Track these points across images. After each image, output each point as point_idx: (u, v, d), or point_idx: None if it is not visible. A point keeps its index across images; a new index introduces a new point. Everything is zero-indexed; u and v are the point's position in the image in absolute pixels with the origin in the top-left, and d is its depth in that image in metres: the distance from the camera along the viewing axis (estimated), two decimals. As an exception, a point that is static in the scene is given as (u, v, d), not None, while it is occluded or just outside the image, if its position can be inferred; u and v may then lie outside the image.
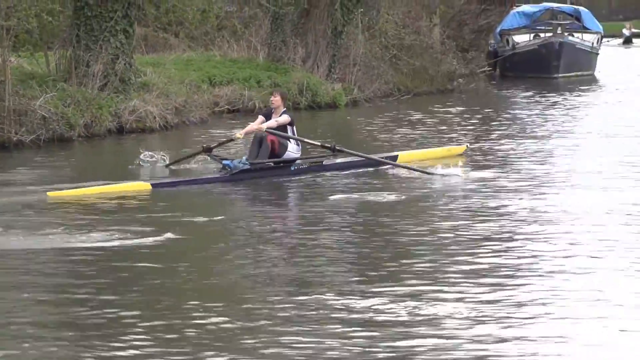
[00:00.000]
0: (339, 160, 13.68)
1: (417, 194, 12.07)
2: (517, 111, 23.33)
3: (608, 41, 43.18)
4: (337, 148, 13.22)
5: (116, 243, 9.31)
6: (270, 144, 13.06)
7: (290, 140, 13.29)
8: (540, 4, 38.90)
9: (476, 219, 10.49)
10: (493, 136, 17.82)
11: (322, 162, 13.63)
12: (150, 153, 13.93)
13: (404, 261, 8.73)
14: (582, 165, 14.28)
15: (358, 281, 8.13)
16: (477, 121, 20.53)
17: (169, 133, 18.09)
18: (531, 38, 34.35)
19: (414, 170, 13.06)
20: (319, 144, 13.45)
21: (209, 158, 13.58)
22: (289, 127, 13.34)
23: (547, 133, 18.15)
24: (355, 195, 11.92)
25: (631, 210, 10.78)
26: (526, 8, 36.35)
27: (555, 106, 23.62)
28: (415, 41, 27.11)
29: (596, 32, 35.76)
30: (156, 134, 17.85)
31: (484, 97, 27.47)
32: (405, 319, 7.04)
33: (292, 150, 13.34)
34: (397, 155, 14.24)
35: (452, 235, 9.76)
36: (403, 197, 11.87)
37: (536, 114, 21.87)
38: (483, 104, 24.89)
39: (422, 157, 14.46)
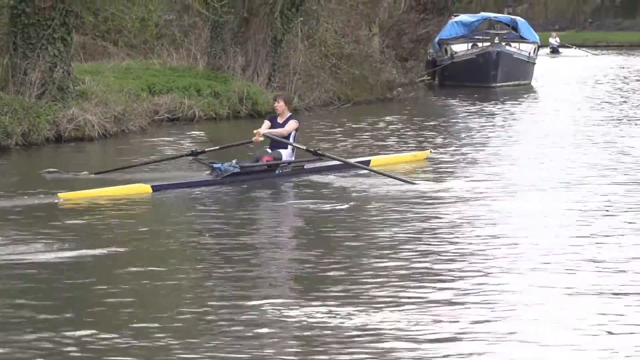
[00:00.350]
0: (318, 165, 13.96)
1: (379, 199, 12.12)
2: (455, 120, 23.53)
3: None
4: (319, 152, 13.64)
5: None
6: (264, 161, 13.46)
7: (287, 147, 13.63)
8: (478, 14, 39.31)
9: (422, 226, 10.54)
10: (435, 144, 17.91)
11: (304, 166, 13.93)
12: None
13: (349, 267, 8.75)
14: (523, 171, 14.42)
15: (298, 289, 8.12)
16: (418, 129, 20.64)
17: (108, 142, 17.93)
18: (469, 47, 34.67)
19: (392, 177, 13.14)
20: (304, 147, 13.71)
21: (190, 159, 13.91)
22: (293, 133, 13.66)
23: (485, 140, 18.30)
24: (322, 201, 12.00)
25: (572, 215, 10.95)
26: (464, 18, 36.68)
27: (494, 114, 23.85)
28: (355, 50, 27.23)
29: (533, 42, 36.20)
30: (95, 143, 17.68)
31: (423, 105, 27.65)
32: (348, 324, 7.06)
33: (288, 155, 13.64)
34: (370, 160, 14.63)
35: (403, 240, 9.81)
36: (363, 202, 12.00)
37: (475, 123, 22.07)
38: (423, 112, 25.05)
39: (392, 161, 14.86)
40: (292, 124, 13.61)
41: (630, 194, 12.29)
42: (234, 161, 13.19)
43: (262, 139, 13.54)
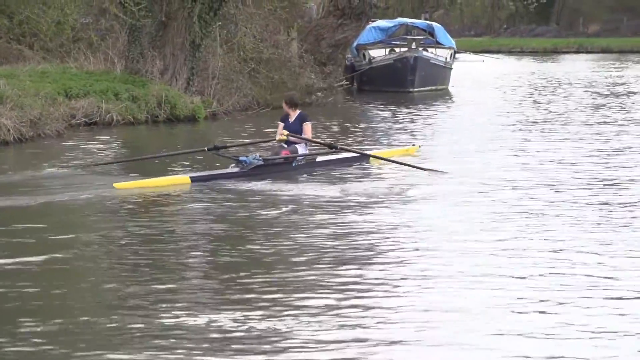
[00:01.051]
0: (329, 158, 15.24)
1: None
2: (374, 124, 23.66)
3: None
4: (339, 147, 15.13)
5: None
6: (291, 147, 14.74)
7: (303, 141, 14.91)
8: (395, 20, 39.64)
9: (342, 231, 10.60)
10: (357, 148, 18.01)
11: (316, 159, 15.16)
12: None
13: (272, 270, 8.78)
14: (444, 175, 14.56)
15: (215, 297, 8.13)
16: (339, 134, 20.73)
17: (24, 146, 17.68)
18: (387, 53, 34.94)
19: (407, 165, 14.54)
20: (325, 142, 15.45)
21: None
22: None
23: (404, 143, 18.46)
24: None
25: (481, 219, 11.11)
26: (381, 23, 36.95)
27: (411, 119, 24.07)
28: (274, 55, 27.26)
29: (449, 48, 36.63)
30: (10, 147, 17.42)
31: (342, 110, 27.78)
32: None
33: (302, 149, 14.90)
34: (369, 155, 15.73)
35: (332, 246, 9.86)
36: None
37: (393, 126, 22.25)
38: (341, 117, 25.17)
39: (389, 155, 15.82)
40: (309, 127, 14.92)
41: (537, 196, 12.53)
42: (257, 154, 14.39)
43: (285, 138, 14.75)
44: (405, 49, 33.83)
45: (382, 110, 26.83)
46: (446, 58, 35.80)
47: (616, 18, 71.21)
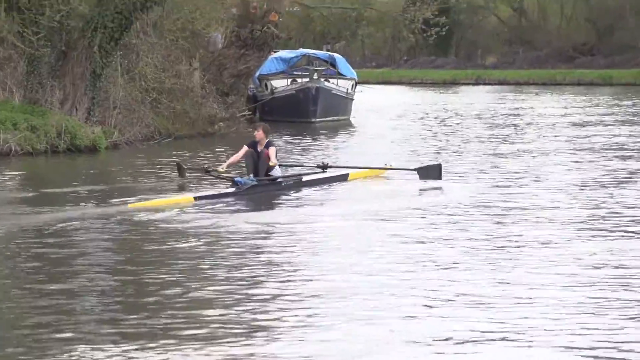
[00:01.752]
0: (314, 177, 16.71)
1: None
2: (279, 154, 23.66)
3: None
4: (328, 165, 17.09)
5: None
6: (266, 159, 15.82)
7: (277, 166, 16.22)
8: (297, 50, 39.83)
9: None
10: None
11: (302, 178, 16.58)
12: None
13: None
14: (335, 203, 14.69)
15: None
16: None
17: None
18: (289, 83, 35.06)
19: (402, 169, 17.25)
20: (315, 165, 17.23)
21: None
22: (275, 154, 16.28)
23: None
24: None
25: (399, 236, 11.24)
26: (283, 54, 37.10)
27: (311, 149, 24.18)
28: (176, 85, 27.14)
29: (351, 79, 36.93)
30: None
31: (244, 140, 27.66)
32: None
33: (277, 170, 16.23)
34: (348, 174, 17.22)
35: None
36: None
37: (297, 157, 22.33)
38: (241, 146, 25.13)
39: (368, 174, 17.46)
40: (274, 150, 16.07)
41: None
42: (251, 175, 15.68)
43: (223, 169, 16.19)
44: (307, 79, 34.00)
45: (282, 141, 26.91)
46: (348, 89, 36.08)
47: (512, 51, 72.73)
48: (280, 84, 34.94)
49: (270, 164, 15.85)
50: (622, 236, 12.06)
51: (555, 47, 68.37)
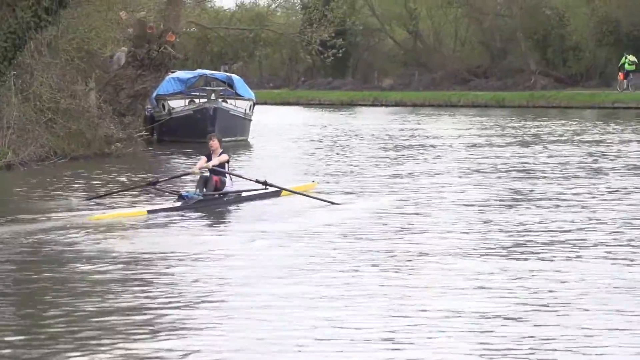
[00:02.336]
0: (252, 193, 17.39)
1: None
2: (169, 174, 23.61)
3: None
4: (267, 183, 17.30)
5: None
6: (214, 183, 16.71)
7: (226, 175, 17.06)
8: (195, 71, 39.72)
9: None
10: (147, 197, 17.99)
11: (242, 194, 17.32)
12: None
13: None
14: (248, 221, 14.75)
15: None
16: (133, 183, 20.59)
17: None
18: (186, 104, 34.95)
19: (321, 200, 16.84)
20: (254, 179, 17.29)
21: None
22: (226, 164, 17.16)
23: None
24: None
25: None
26: (181, 74, 36.96)
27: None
28: (72, 105, 26.83)
29: (248, 99, 36.97)
30: None
31: (140, 161, 27.57)
32: None
33: (229, 184, 17.07)
34: (281, 190, 17.67)
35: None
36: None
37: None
38: (139, 167, 25.00)
39: (297, 190, 17.86)
40: (224, 156, 17.01)
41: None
42: (197, 190, 16.57)
43: (198, 172, 16.84)
44: (205, 100, 33.93)
45: (177, 162, 26.83)
46: (246, 109, 36.10)
47: (408, 73, 73.66)
48: (177, 104, 34.79)
49: (210, 165, 16.77)
50: (515, 255, 12.35)
51: (450, 69, 69.50)
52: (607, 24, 60.94)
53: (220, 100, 34.28)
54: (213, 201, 16.80)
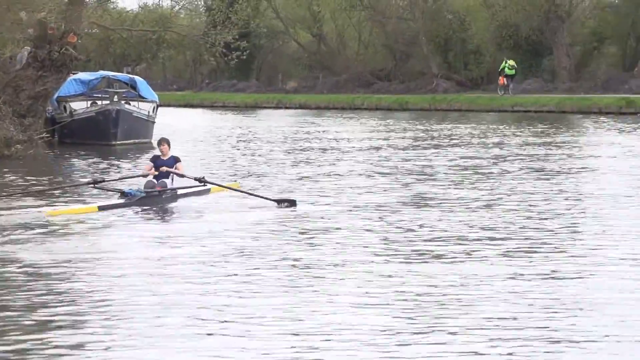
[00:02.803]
0: (187, 191, 18.26)
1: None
2: (73, 176, 23.37)
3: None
4: (204, 180, 18.06)
5: None
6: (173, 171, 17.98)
7: (170, 176, 18.02)
8: (97, 73, 39.29)
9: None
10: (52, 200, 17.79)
11: (177, 191, 18.15)
12: None
13: None
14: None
15: None
16: (37, 186, 20.34)
17: None
18: (88, 105, 34.53)
19: (260, 197, 17.43)
20: (193, 177, 18.10)
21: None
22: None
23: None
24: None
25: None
26: (83, 76, 36.52)
27: (110, 171, 23.98)
28: (-30, 106, 26.32)
29: (152, 101, 36.71)
30: None
31: (41, 163, 27.18)
32: None
33: (169, 182, 18.00)
34: (210, 188, 18.52)
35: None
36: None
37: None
38: (40, 170, 24.66)
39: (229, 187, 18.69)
40: (181, 165, 18.19)
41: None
42: (142, 187, 17.57)
43: (156, 173, 17.85)
44: (107, 102, 33.61)
45: (78, 164, 26.54)
46: (149, 112, 35.85)
47: (312, 75, 73.92)
48: (79, 106, 34.39)
49: (181, 172, 17.97)
50: (420, 258, 12.53)
51: (354, 72, 69.94)
52: (506, 28, 62.06)
53: (123, 102, 34.00)
54: (154, 198, 17.63)
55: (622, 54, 63.42)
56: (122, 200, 17.04)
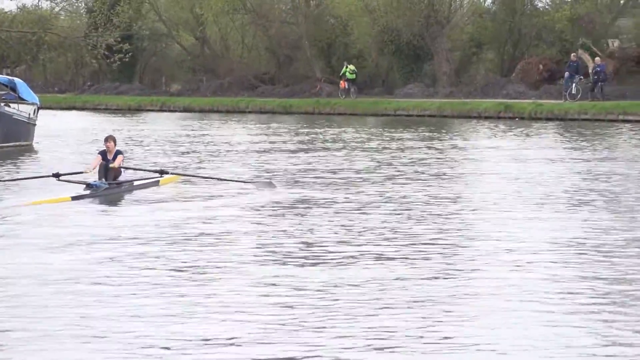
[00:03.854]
0: (144, 182, 20.10)
1: None
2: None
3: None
4: (164, 170, 20.62)
5: None
6: (113, 172, 19.40)
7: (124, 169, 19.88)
8: (-24, 75, 38.54)
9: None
10: None
11: (134, 182, 19.91)
12: None
13: None
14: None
15: None
16: None
17: None
18: (-33, 108, 33.86)
19: (236, 181, 20.42)
20: (151, 169, 20.73)
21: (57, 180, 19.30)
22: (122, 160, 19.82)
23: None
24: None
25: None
26: (-39, 78, 35.80)
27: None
28: None
29: (32, 103, 36.18)
30: None
31: None
32: None
33: (124, 174, 19.85)
34: (159, 180, 20.29)
35: None
36: None
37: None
38: None
39: (171, 180, 20.66)
40: (120, 158, 19.64)
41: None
42: (103, 180, 19.07)
43: (89, 171, 19.39)
44: (-13, 104, 33.02)
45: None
46: (30, 114, 35.32)
47: (196, 78, 73.62)
48: (-45, 108, 33.68)
49: (115, 165, 19.33)
50: (294, 262, 12.74)
51: (238, 75, 69.87)
52: (388, 33, 62.84)
53: (2, 104, 33.44)
54: (115, 189, 19.30)
55: (499, 59, 64.82)
56: (87, 192, 18.48)
